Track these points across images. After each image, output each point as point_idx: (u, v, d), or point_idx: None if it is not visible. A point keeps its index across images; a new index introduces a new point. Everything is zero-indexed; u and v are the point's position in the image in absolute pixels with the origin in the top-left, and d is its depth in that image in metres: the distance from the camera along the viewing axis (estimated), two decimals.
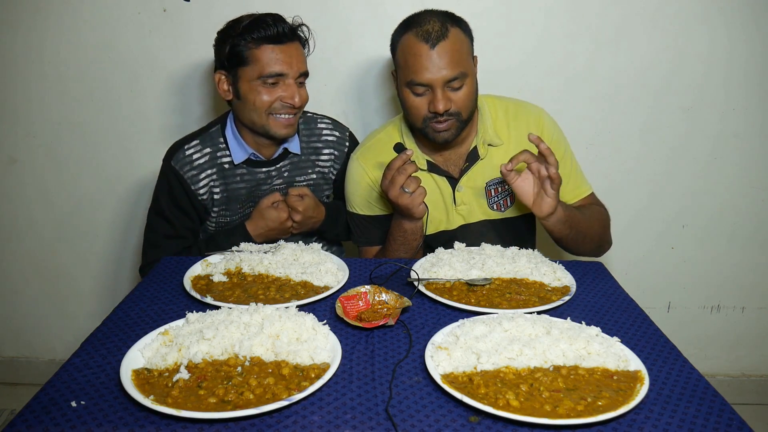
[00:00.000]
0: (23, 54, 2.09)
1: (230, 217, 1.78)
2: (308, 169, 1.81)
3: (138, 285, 1.41)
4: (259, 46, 1.58)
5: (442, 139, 1.60)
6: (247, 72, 1.61)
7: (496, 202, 1.72)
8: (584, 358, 1.04)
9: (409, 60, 1.54)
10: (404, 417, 0.93)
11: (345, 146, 1.86)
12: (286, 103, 1.62)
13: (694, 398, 0.98)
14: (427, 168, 1.69)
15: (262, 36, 1.58)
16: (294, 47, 1.63)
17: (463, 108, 1.57)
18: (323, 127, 1.85)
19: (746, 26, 2.04)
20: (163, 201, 1.74)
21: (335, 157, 1.85)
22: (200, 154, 1.71)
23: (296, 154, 1.79)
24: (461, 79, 1.54)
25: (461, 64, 1.53)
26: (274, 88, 1.62)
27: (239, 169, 1.73)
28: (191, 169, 1.70)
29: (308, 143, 1.82)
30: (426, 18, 1.54)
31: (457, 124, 1.58)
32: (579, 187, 1.74)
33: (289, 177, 1.79)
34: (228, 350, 1.05)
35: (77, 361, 1.08)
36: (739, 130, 2.16)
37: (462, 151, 1.70)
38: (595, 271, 1.50)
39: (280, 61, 1.59)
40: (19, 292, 2.40)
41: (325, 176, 1.85)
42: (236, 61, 1.61)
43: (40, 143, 2.20)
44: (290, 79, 1.62)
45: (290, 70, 1.61)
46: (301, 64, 1.65)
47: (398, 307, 1.25)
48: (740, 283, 2.35)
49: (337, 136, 1.85)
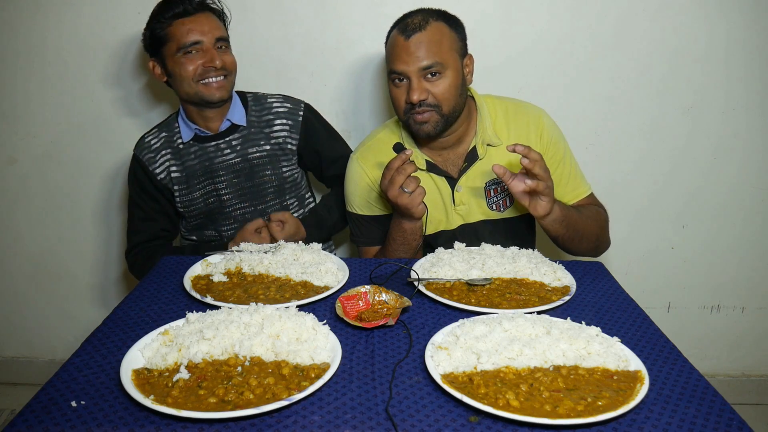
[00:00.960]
0: (23, 54, 2.09)
1: (191, 194, 1.87)
2: (261, 141, 1.87)
3: (138, 285, 1.41)
4: (171, 23, 1.71)
5: (424, 132, 1.60)
6: (168, 49, 1.73)
7: (496, 203, 1.72)
8: (584, 358, 1.04)
9: (390, 52, 1.60)
10: (404, 417, 0.93)
11: (299, 115, 1.90)
12: (209, 66, 1.72)
13: (694, 398, 0.98)
14: (426, 168, 1.69)
15: (172, 14, 1.71)
16: (204, 16, 1.74)
17: (442, 100, 1.56)
18: (273, 101, 1.91)
19: (746, 26, 2.04)
20: (132, 189, 1.91)
21: (290, 127, 1.89)
22: (156, 139, 1.88)
23: (243, 126, 1.85)
24: (437, 69, 1.53)
25: (438, 54, 1.53)
26: (194, 57, 1.72)
27: (192, 147, 1.85)
28: (149, 153, 1.86)
29: (259, 117, 1.88)
30: (412, 14, 1.59)
31: (437, 117, 1.57)
32: (578, 188, 1.74)
33: (242, 150, 1.86)
34: (228, 350, 1.06)
35: (77, 360, 1.08)
36: (739, 130, 2.16)
37: (461, 151, 1.70)
38: (595, 271, 1.50)
39: (192, 31, 1.71)
40: (19, 292, 2.40)
41: (281, 146, 1.89)
42: (157, 43, 1.75)
43: (40, 143, 2.20)
44: (207, 44, 1.72)
45: (204, 37, 1.71)
46: (215, 30, 1.74)
47: (398, 307, 1.25)
48: (740, 283, 2.35)
49: (288, 107, 1.90)
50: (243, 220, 1.90)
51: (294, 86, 2.10)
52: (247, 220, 1.89)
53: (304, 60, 2.10)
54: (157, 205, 1.89)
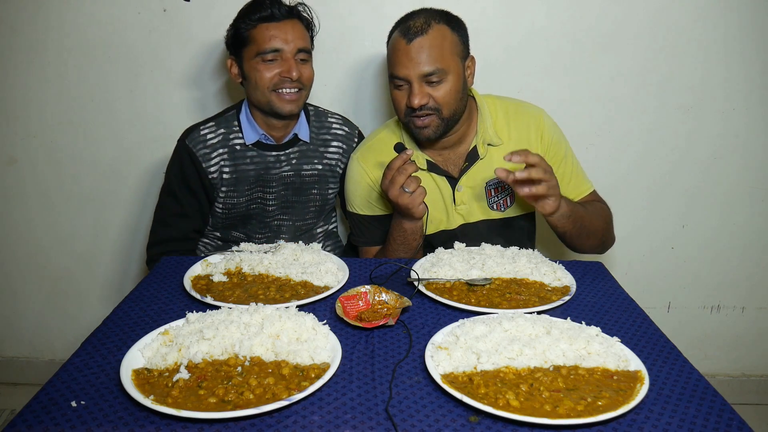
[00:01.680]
0: (23, 54, 2.09)
1: (237, 198, 1.82)
2: (315, 159, 1.86)
3: (138, 285, 1.41)
4: (256, 25, 1.67)
5: (424, 136, 1.61)
6: (248, 52, 1.69)
7: (496, 202, 1.72)
8: (584, 358, 1.04)
9: (391, 55, 1.59)
10: (404, 417, 0.93)
11: (353, 142, 1.91)
12: (285, 77, 1.68)
13: (694, 398, 0.98)
14: (427, 167, 1.69)
15: (259, 16, 1.66)
16: (290, 24, 1.69)
17: (443, 104, 1.56)
18: (333, 121, 1.90)
19: (747, 26, 2.04)
20: (174, 180, 1.80)
21: (343, 151, 1.90)
22: (214, 134, 1.78)
23: (305, 141, 1.84)
24: (439, 75, 1.53)
25: (440, 60, 1.52)
26: (272, 65, 1.68)
27: (250, 152, 1.79)
28: (204, 148, 1.77)
29: (318, 134, 1.87)
30: (414, 15, 1.57)
31: (437, 121, 1.58)
32: (580, 185, 1.74)
33: (297, 164, 1.84)
34: (228, 350, 1.06)
35: (77, 361, 1.08)
36: (739, 130, 2.16)
37: (461, 151, 1.70)
38: (595, 271, 1.50)
39: (275, 38, 1.66)
40: (19, 292, 2.40)
41: (332, 168, 1.89)
42: (239, 43, 1.70)
43: (40, 143, 2.19)
44: (288, 54, 1.68)
45: (286, 46, 1.67)
46: (299, 40, 1.69)
47: (398, 307, 1.25)
48: (740, 283, 2.35)
49: (346, 131, 1.91)
50: (278, 230, 1.89)
51: None
52: (281, 231, 1.89)
53: None
54: (197, 202, 1.81)
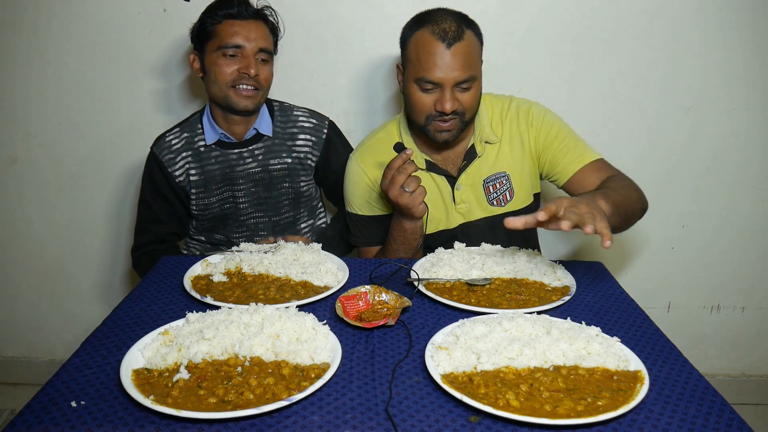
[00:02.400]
0: (23, 54, 2.09)
1: (209, 199, 1.84)
2: (284, 153, 1.86)
3: (138, 285, 1.41)
4: (221, 21, 1.70)
5: (443, 139, 1.61)
6: (210, 45, 1.71)
7: (496, 198, 1.73)
8: (584, 358, 1.04)
9: (422, 56, 1.53)
10: (404, 417, 0.93)
11: (323, 132, 1.89)
12: (243, 74, 1.69)
13: (694, 398, 0.98)
14: (426, 167, 1.70)
15: (225, 12, 1.69)
16: (255, 24, 1.72)
17: (468, 109, 1.59)
18: (299, 114, 1.90)
19: (746, 26, 2.04)
20: (145, 187, 1.87)
21: (312, 143, 1.88)
22: (178, 139, 1.83)
23: (269, 137, 1.84)
24: (470, 82, 1.55)
25: (473, 67, 1.55)
26: (232, 61, 1.70)
27: (213, 152, 1.82)
28: (168, 153, 1.81)
29: (284, 129, 1.86)
30: (442, 16, 1.54)
31: (459, 125, 1.60)
32: (582, 153, 1.66)
33: (264, 160, 1.84)
34: (228, 350, 1.06)
35: (77, 361, 1.08)
36: (739, 130, 2.16)
37: (459, 150, 1.71)
38: (595, 271, 1.50)
39: (237, 34, 1.69)
40: (19, 292, 2.40)
41: (302, 161, 1.88)
42: (203, 37, 1.73)
43: (40, 143, 2.19)
44: (248, 51, 1.70)
45: (247, 43, 1.69)
46: (261, 40, 1.71)
47: (398, 307, 1.25)
48: (740, 283, 2.35)
49: (314, 123, 1.89)
50: (255, 228, 1.89)
51: (294, 86, 2.10)
52: (259, 228, 1.89)
53: (304, 60, 2.10)
54: (169, 207, 1.86)
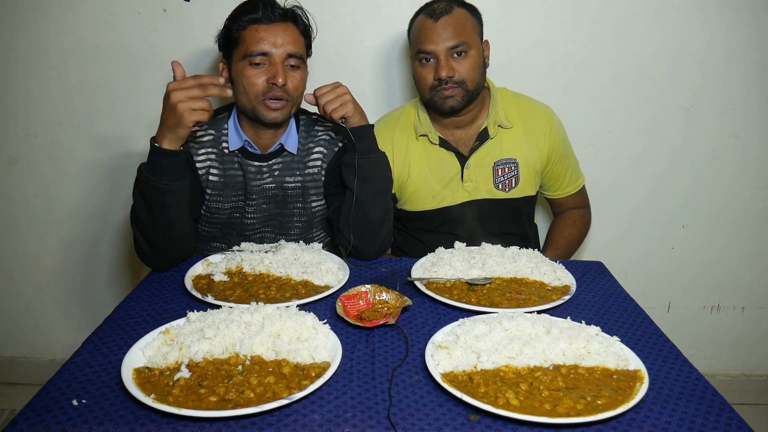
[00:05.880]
0: (23, 54, 2.09)
1: (222, 204, 1.69)
2: (297, 171, 1.71)
3: (139, 284, 1.41)
4: (247, 27, 1.56)
5: (449, 106, 1.68)
6: (237, 53, 1.58)
7: (502, 182, 1.79)
8: (584, 357, 1.04)
9: (416, 34, 1.70)
10: (404, 416, 0.93)
11: (336, 146, 1.73)
12: (272, 84, 1.55)
13: (694, 398, 0.98)
14: (439, 143, 1.77)
15: (250, 17, 1.56)
16: (282, 27, 1.57)
17: (468, 78, 1.67)
18: (320, 129, 1.75)
19: (746, 26, 2.04)
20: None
21: (323, 156, 1.72)
22: (204, 133, 1.67)
23: (291, 153, 1.70)
24: (463, 48, 1.65)
25: (463, 34, 1.65)
26: (259, 70, 1.56)
27: (236, 157, 1.67)
28: (192, 142, 1.65)
29: (304, 144, 1.72)
30: (437, 2, 1.71)
31: (462, 92, 1.67)
32: (575, 181, 1.90)
33: (280, 176, 1.69)
34: (229, 349, 1.06)
35: (79, 359, 1.08)
36: (739, 130, 2.16)
37: (472, 131, 1.79)
38: (595, 270, 1.50)
39: (263, 40, 1.54)
40: (20, 292, 2.40)
41: (314, 177, 1.72)
42: (230, 44, 1.60)
43: (40, 143, 2.19)
44: (276, 58, 1.55)
45: (275, 49, 1.55)
46: (289, 44, 1.56)
47: (398, 307, 1.25)
48: (740, 283, 2.35)
49: (331, 136, 1.74)
50: (260, 243, 1.72)
51: None
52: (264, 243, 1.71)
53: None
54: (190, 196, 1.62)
